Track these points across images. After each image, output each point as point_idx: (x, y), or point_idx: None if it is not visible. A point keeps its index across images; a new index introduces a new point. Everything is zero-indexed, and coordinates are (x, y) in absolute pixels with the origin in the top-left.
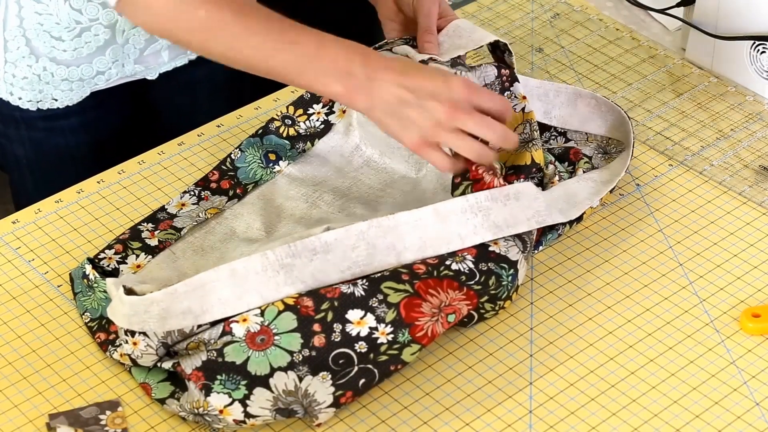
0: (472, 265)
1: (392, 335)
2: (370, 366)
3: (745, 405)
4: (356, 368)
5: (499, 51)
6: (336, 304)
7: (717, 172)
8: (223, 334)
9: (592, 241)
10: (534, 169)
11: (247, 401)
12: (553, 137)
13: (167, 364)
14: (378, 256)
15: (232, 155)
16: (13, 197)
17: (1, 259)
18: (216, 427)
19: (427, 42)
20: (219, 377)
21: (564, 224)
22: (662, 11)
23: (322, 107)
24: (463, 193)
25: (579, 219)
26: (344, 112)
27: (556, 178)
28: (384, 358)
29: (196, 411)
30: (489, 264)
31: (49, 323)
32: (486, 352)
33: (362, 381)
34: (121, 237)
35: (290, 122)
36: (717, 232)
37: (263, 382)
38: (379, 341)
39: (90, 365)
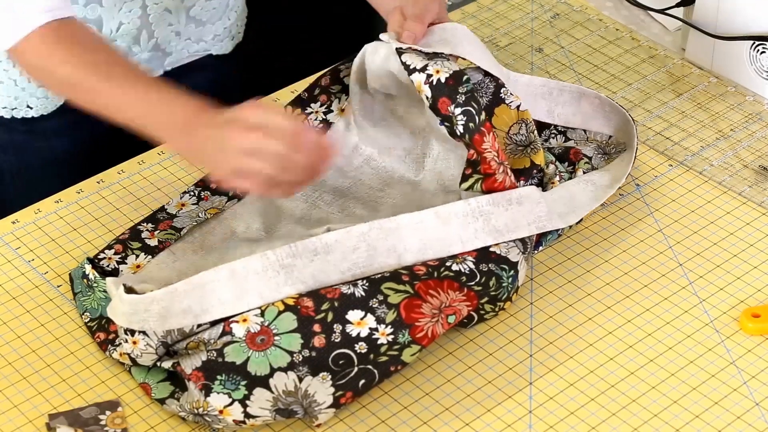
0: (472, 266)
1: (392, 336)
2: (370, 366)
3: (745, 405)
4: (356, 369)
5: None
6: (336, 304)
7: (717, 172)
8: (223, 334)
9: (592, 241)
10: (534, 170)
11: (247, 401)
12: (552, 135)
13: (167, 364)
14: (378, 258)
15: None
16: None
17: (0, 259)
18: (216, 427)
19: (408, 29)
20: (219, 377)
21: None
22: (662, 11)
23: (320, 106)
24: (471, 187)
25: (579, 219)
26: (343, 110)
27: (557, 178)
28: (384, 358)
29: (196, 411)
30: (489, 265)
31: (49, 323)
32: (486, 352)
33: (362, 381)
34: (120, 237)
35: None
36: (717, 232)
37: (263, 382)
38: (379, 342)
39: (90, 365)
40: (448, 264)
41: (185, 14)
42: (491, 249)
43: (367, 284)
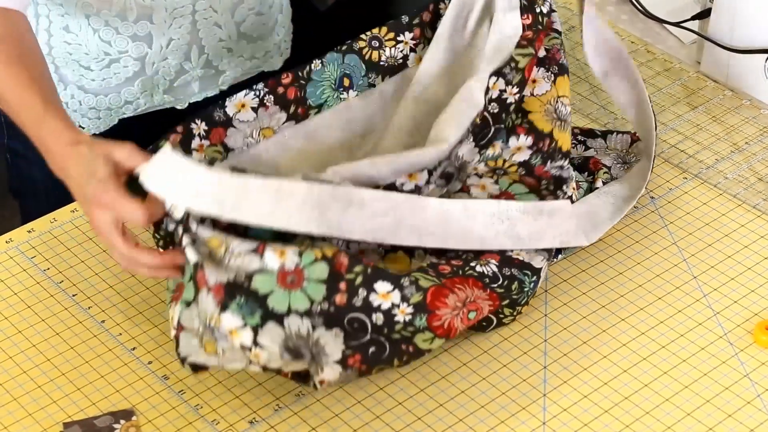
0: (495, 269)
1: (410, 317)
2: (382, 339)
3: (759, 418)
4: (368, 337)
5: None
6: (369, 271)
7: (731, 186)
8: (254, 253)
9: (606, 253)
10: (559, 154)
11: (259, 330)
12: (573, 144)
13: (192, 257)
14: (401, 233)
15: (312, 65)
16: (23, 224)
17: (16, 268)
18: (223, 347)
19: None
20: (237, 299)
21: None
22: (677, 24)
23: (411, 39)
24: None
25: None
26: (420, 59)
27: (573, 183)
28: (396, 336)
29: (207, 323)
30: (512, 270)
31: (64, 332)
32: (500, 364)
33: (372, 350)
34: (175, 132)
35: (377, 44)
36: (731, 245)
37: (278, 318)
38: (395, 319)
39: (104, 374)
40: (472, 264)
41: (236, 30)
42: (515, 255)
43: None
